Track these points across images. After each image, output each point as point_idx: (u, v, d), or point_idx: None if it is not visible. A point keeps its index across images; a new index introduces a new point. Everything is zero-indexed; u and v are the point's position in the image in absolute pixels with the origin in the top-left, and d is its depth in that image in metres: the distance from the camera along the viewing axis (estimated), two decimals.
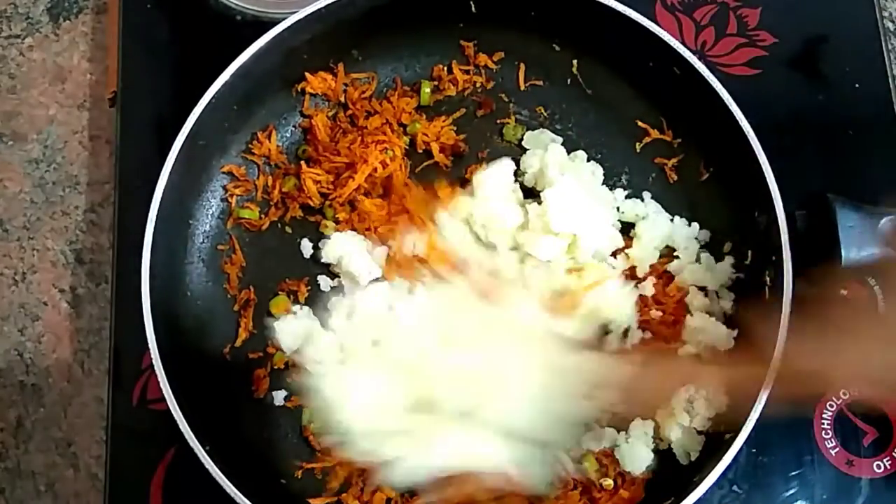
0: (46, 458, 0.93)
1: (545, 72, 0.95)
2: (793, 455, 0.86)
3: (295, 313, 0.88)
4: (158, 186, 0.83)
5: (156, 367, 0.78)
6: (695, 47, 0.97)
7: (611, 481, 0.82)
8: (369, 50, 0.95)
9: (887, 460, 0.85)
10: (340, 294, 0.88)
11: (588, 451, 0.84)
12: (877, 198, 0.84)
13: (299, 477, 0.85)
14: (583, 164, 0.91)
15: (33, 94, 1.05)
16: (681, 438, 0.83)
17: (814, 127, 0.94)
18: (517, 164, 0.91)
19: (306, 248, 0.91)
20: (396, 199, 0.90)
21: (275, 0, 0.98)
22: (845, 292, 0.88)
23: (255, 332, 0.89)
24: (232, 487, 0.75)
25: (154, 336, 0.79)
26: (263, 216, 0.92)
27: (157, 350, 0.79)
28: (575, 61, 0.94)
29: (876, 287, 0.87)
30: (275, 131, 0.94)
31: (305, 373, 0.82)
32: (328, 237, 0.90)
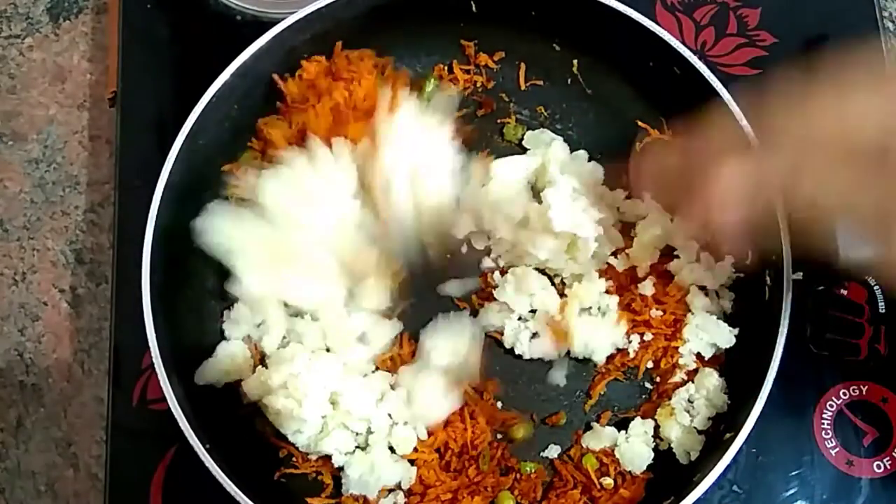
0: (46, 458, 0.93)
1: (545, 72, 0.95)
2: (793, 455, 0.86)
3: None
4: (158, 186, 0.83)
5: (156, 367, 0.78)
6: (695, 47, 0.97)
7: (611, 481, 0.82)
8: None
9: (887, 460, 0.85)
10: None
11: (588, 450, 0.84)
12: None
13: (299, 476, 0.85)
14: (584, 164, 0.91)
15: (33, 94, 1.05)
16: (681, 438, 0.83)
17: None
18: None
19: None
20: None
21: (274, 0, 0.98)
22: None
23: None
24: (233, 486, 0.75)
25: (154, 336, 0.79)
26: None
27: (157, 350, 0.79)
28: (575, 61, 0.94)
29: (876, 287, 0.87)
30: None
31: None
32: None
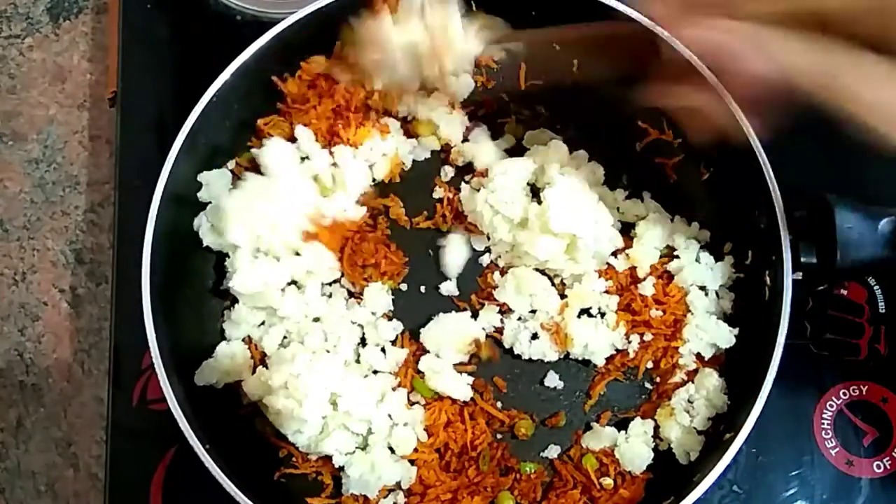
0: (46, 458, 0.93)
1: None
2: (793, 455, 0.86)
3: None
4: (158, 186, 0.83)
5: (156, 367, 0.78)
6: None
7: (611, 481, 0.82)
8: None
9: (887, 460, 0.85)
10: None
11: (588, 450, 0.84)
12: (877, 198, 0.83)
13: (299, 476, 0.85)
14: (583, 164, 0.91)
15: (33, 94, 1.05)
16: (681, 438, 0.83)
17: (814, 127, 0.94)
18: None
19: None
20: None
21: (274, 0, 0.98)
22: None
23: None
24: (232, 487, 0.75)
25: (154, 336, 0.79)
26: None
27: (157, 350, 0.79)
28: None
29: (877, 287, 0.87)
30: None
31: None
32: None
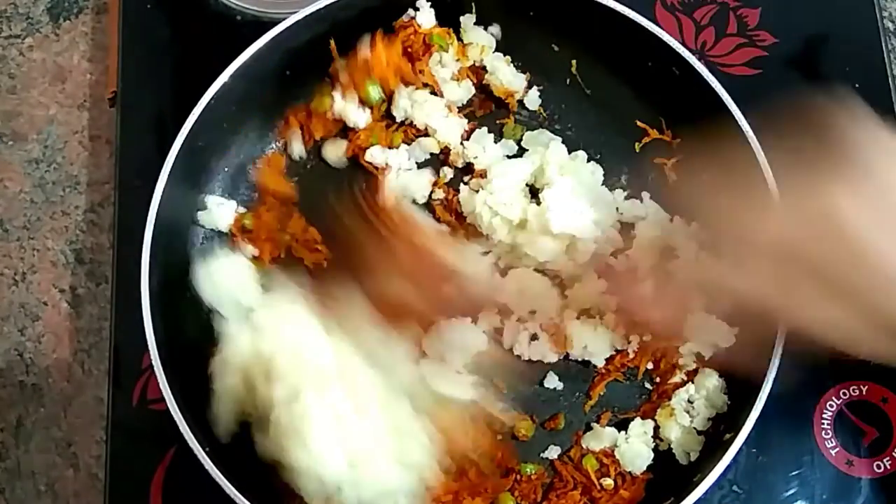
0: (46, 458, 0.93)
1: (544, 72, 0.95)
2: (793, 455, 0.86)
3: None
4: (158, 186, 0.83)
5: (156, 367, 0.78)
6: (695, 47, 0.97)
7: (611, 481, 0.82)
8: None
9: (887, 460, 0.85)
10: None
11: (588, 451, 0.84)
12: None
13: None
14: (583, 165, 0.91)
15: (33, 94, 1.05)
16: (681, 438, 0.83)
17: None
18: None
19: None
20: None
21: (274, 0, 0.98)
22: None
23: None
24: (231, 488, 0.75)
25: (154, 336, 0.79)
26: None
27: (156, 350, 0.79)
28: (574, 61, 0.94)
29: None
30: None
31: None
32: None
